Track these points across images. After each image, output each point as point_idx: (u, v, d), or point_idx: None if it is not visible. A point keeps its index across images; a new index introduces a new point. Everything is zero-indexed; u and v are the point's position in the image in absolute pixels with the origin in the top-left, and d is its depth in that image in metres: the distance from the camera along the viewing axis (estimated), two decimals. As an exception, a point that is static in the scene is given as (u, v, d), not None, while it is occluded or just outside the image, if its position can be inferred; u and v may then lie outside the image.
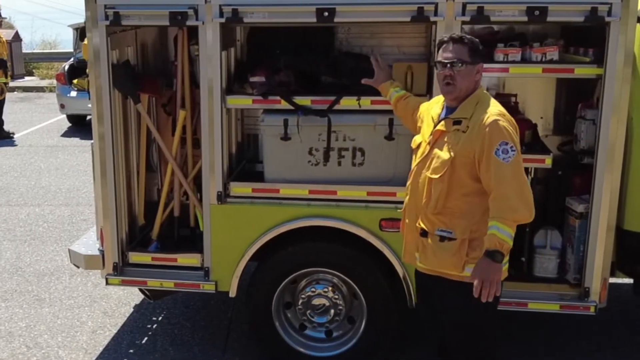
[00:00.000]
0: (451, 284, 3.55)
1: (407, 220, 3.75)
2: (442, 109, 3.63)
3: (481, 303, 3.39)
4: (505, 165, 3.31)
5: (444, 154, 3.47)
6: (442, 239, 3.52)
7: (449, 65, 3.45)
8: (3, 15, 12.96)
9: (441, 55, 3.51)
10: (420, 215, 3.61)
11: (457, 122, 3.47)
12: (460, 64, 3.43)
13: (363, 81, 4.30)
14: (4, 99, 12.90)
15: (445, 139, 3.50)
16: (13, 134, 12.99)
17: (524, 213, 3.34)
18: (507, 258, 3.53)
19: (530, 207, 3.37)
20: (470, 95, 3.50)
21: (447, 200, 3.48)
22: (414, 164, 3.70)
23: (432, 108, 3.74)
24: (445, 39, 3.53)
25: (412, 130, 4.01)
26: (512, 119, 3.49)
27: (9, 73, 13.37)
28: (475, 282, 3.31)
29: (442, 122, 3.53)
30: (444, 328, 3.76)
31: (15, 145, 12.34)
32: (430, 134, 3.59)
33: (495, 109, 3.45)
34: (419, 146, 3.70)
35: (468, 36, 3.53)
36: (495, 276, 3.30)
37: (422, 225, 3.60)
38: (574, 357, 5.00)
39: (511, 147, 3.33)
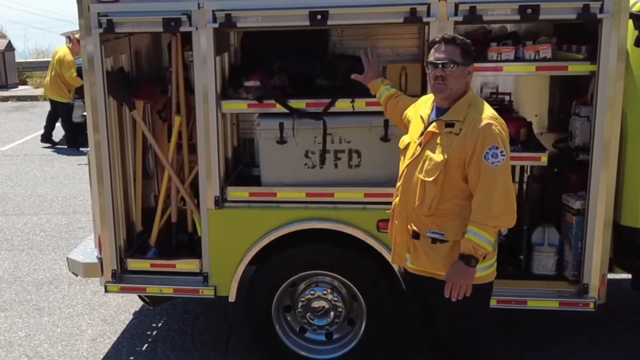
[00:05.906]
0: (443, 285, 3.51)
1: (396, 222, 3.72)
2: (432, 110, 3.60)
3: (473, 302, 3.43)
4: (494, 170, 3.32)
5: (437, 156, 3.45)
6: (434, 240, 3.51)
7: (440, 65, 3.44)
8: None
9: (433, 56, 3.50)
10: (411, 217, 3.59)
11: (450, 125, 3.45)
12: (452, 65, 3.43)
13: (352, 77, 4.29)
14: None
15: (438, 141, 3.48)
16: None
17: (506, 219, 3.38)
18: (493, 259, 3.57)
19: (513, 213, 3.39)
20: (462, 97, 3.49)
21: (440, 202, 3.47)
22: (403, 164, 3.68)
23: (420, 108, 3.72)
24: (437, 39, 3.52)
25: (402, 130, 3.99)
26: (504, 123, 3.49)
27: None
28: (447, 283, 3.40)
29: (434, 124, 3.51)
30: (439, 327, 3.76)
31: (13, 155, 12.32)
32: (421, 135, 3.57)
33: (488, 112, 3.45)
34: (407, 147, 3.67)
35: (460, 37, 3.52)
36: (467, 280, 3.38)
37: (414, 227, 3.58)
38: (573, 353, 5.00)
39: (501, 151, 3.33)
